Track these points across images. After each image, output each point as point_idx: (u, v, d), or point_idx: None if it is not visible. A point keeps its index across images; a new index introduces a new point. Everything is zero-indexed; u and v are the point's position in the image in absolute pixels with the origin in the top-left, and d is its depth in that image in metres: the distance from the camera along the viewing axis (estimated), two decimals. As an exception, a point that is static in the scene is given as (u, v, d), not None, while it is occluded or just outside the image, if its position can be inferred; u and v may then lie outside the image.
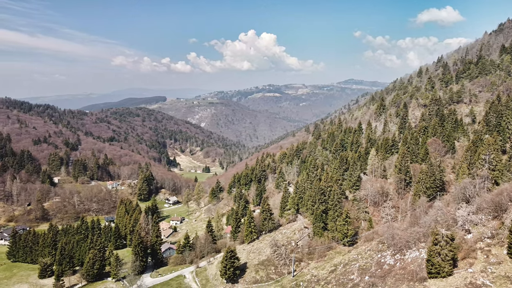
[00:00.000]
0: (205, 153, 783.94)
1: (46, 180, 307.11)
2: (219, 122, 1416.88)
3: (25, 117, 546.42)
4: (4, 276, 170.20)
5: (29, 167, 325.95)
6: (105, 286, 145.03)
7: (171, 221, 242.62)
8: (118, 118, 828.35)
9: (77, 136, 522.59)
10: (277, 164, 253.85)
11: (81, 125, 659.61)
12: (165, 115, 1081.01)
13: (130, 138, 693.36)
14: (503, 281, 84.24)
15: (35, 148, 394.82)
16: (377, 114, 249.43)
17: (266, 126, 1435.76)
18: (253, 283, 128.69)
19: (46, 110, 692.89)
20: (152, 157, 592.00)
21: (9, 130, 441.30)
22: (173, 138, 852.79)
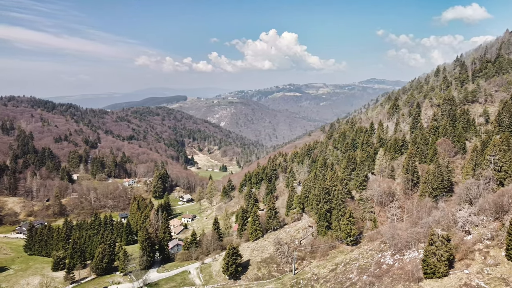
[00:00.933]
0: (223, 152, 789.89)
1: (65, 177, 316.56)
2: (238, 121, 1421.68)
3: (47, 116, 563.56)
4: (20, 268, 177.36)
5: (49, 164, 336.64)
6: (112, 280, 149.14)
7: (182, 218, 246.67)
8: (138, 117, 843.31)
9: (97, 135, 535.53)
10: (288, 163, 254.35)
11: (102, 124, 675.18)
12: (184, 114, 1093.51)
13: (149, 136, 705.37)
14: (498, 283, 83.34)
15: (56, 146, 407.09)
16: (390, 114, 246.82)
17: (285, 125, 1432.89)
18: (254, 280, 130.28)
19: (68, 109, 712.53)
20: (170, 156, 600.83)
21: (32, 128, 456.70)
22: (192, 137, 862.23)
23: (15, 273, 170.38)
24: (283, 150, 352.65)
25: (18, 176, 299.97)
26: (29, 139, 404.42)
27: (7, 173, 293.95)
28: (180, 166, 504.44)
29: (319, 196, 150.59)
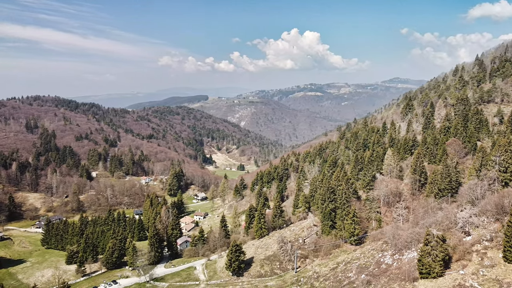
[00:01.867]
0: (241, 151, 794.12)
1: (84, 174, 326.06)
2: (258, 121, 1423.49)
3: (70, 115, 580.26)
4: (37, 261, 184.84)
5: (69, 161, 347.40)
6: (121, 274, 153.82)
7: (194, 216, 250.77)
8: (158, 117, 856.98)
9: (117, 133, 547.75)
10: (300, 163, 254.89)
11: (123, 123, 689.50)
12: (204, 113, 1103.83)
13: (168, 135, 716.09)
14: (492, 284, 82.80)
15: (77, 144, 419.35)
16: (403, 114, 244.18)
17: (306, 125, 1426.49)
18: (257, 277, 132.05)
19: (91, 108, 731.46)
20: (188, 155, 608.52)
21: (55, 127, 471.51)
22: (211, 136, 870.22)
23: (32, 266, 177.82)
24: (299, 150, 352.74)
25: (39, 173, 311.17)
26: (51, 137, 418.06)
27: (29, 170, 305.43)
28: (196, 165, 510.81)
29: (324, 195, 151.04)
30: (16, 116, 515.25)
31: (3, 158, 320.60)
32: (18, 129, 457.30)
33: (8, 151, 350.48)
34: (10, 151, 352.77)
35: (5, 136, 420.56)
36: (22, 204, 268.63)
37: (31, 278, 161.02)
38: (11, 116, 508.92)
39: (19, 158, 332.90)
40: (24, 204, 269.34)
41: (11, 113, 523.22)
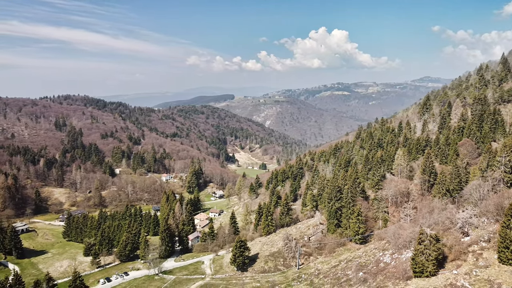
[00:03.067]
0: (264, 151, 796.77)
1: (107, 170, 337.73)
2: (284, 120, 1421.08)
3: (97, 114, 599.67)
4: (57, 252, 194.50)
5: (94, 158, 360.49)
6: (133, 266, 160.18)
7: (210, 213, 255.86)
8: (183, 116, 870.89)
9: (142, 132, 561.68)
10: (315, 162, 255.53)
11: (148, 121, 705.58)
12: (228, 113, 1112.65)
13: (192, 134, 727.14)
14: (483, 284, 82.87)
15: (102, 142, 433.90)
16: (420, 113, 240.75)
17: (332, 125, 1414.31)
18: (260, 273, 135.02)
19: (118, 107, 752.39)
20: (211, 153, 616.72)
21: (82, 125, 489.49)
22: (234, 135, 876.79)
23: (52, 256, 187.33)
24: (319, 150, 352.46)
25: (65, 169, 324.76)
26: (78, 135, 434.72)
27: (55, 166, 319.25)
28: (217, 163, 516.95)
29: (331, 194, 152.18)
30: (47, 114, 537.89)
31: (32, 154, 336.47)
32: (47, 127, 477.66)
33: (37, 148, 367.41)
34: (39, 148, 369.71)
35: (36, 133, 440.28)
36: (48, 198, 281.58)
37: (51, 268, 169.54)
38: (42, 114, 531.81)
39: (47, 155, 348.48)
40: (49, 199, 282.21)
41: (42, 111, 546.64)
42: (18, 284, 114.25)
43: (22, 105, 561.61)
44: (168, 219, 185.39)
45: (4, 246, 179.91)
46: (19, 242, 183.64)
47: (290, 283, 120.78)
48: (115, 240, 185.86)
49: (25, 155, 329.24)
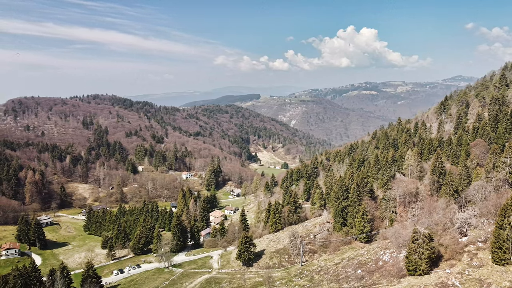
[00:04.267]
0: (286, 150, 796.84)
1: (130, 168, 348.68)
2: (309, 120, 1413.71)
3: (123, 113, 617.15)
4: (78, 244, 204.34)
5: (117, 156, 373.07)
6: (145, 259, 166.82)
7: (225, 210, 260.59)
8: (207, 115, 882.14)
9: (165, 130, 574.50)
10: (331, 162, 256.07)
11: (172, 121, 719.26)
12: (252, 112, 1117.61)
13: (215, 133, 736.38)
14: (473, 283, 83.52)
15: (126, 140, 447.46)
16: (438, 113, 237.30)
17: (358, 125, 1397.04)
18: (265, 268, 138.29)
19: (144, 106, 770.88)
20: (233, 152, 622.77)
21: (108, 124, 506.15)
22: (257, 135, 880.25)
23: (73, 248, 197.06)
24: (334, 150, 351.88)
25: (90, 166, 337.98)
26: (104, 133, 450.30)
27: (81, 163, 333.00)
28: (238, 162, 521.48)
29: (338, 193, 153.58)
30: (75, 113, 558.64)
31: (59, 151, 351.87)
32: (75, 125, 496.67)
33: (64, 145, 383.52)
34: (67, 145, 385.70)
35: (64, 131, 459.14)
36: (72, 193, 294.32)
37: (70, 259, 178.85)
38: (71, 113, 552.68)
39: (73, 152, 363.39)
40: (74, 194, 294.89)
41: (71, 110, 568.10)
42: (34, 271, 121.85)
43: (53, 104, 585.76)
44: (182, 215, 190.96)
45: (29, 237, 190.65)
46: (42, 234, 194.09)
47: (291, 279, 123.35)
48: (131, 234, 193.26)
49: (53, 152, 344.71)
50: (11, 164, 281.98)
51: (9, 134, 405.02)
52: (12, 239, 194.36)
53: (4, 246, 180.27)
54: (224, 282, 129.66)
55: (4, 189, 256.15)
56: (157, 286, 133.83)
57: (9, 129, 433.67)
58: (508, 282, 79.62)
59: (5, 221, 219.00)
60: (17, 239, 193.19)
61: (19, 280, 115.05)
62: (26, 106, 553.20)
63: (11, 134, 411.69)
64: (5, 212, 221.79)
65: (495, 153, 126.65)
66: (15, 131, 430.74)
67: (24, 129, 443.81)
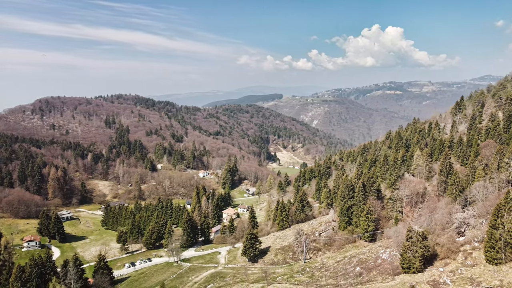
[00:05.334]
0: (306, 150, 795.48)
1: (148, 166, 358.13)
2: (331, 120, 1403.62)
3: (145, 112, 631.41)
4: (95, 238, 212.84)
5: (137, 154, 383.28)
6: (156, 253, 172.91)
7: (238, 208, 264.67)
8: (227, 114, 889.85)
9: (185, 130, 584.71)
10: (344, 161, 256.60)
11: (193, 120, 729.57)
12: (273, 112, 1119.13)
13: (235, 133, 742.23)
14: (464, 282, 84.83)
15: (146, 139, 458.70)
16: (453, 113, 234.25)
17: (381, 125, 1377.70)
18: (269, 264, 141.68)
19: (166, 106, 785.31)
20: (252, 152, 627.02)
21: (129, 123, 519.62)
22: (277, 135, 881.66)
23: (90, 242, 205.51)
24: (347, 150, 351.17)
25: (110, 164, 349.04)
26: (125, 132, 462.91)
27: (101, 161, 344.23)
28: (255, 161, 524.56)
29: (344, 192, 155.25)
30: (99, 112, 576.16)
31: (82, 149, 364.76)
32: (98, 124, 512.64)
33: (87, 144, 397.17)
34: (89, 143, 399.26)
35: (88, 130, 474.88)
36: (93, 190, 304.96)
37: (87, 252, 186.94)
38: (94, 112, 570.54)
39: (95, 150, 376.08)
40: (94, 190, 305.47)
41: (95, 110, 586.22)
42: (49, 262, 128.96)
43: (78, 104, 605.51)
44: (194, 211, 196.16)
45: (49, 231, 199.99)
46: (62, 228, 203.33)
47: (293, 275, 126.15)
48: (145, 229, 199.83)
49: (76, 150, 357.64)
50: (35, 161, 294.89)
51: (35, 133, 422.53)
52: (34, 232, 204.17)
53: (26, 238, 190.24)
54: (228, 276, 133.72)
55: (28, 185, 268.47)
56: (165, 279, 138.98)
57: (36, 128, 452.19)
58: (498, 281, 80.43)
59: (28, 215, 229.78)
60: (39, 232, 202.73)
61: (35, 269, 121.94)
62: (53, 106, 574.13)
63: (37, 132, 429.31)
64: (28, 207, 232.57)
65: (500, 153, 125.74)
66: (41, 130, 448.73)
67: (50, 127, 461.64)
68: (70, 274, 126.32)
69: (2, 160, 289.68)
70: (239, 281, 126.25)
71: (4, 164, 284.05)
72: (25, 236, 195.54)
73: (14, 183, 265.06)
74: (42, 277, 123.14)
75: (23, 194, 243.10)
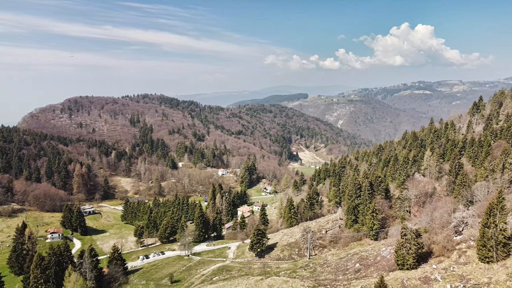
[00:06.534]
0: (328, 150, 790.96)
1: (169, 163, 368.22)
2: (357, 120, 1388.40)
3: (169, 112, 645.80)
4: (114, 232, 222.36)
5: (159, 152, 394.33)
6: (169, 247, 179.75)
7: (254, 206, 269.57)
8: (250, 114, 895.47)
9: (207, 129, 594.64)
10: (359, 161, 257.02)
11: (216, 119, 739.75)
12: (296, 111, 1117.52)
13: (257, 132, 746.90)
14: (454, 278, 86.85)
15: (169, 138, 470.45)
16: (471, 114, 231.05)
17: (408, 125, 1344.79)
18: (275, 259, 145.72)
19: (190, 105, 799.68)
20: (273, 151, 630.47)
21: (153, 122, 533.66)
22: (300, 134, 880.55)
23: (109, 235, 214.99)
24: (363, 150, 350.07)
25: (133, 161, 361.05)
26: (149, 131, 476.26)
27: (124, 158, 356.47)
28: (275, 161, 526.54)
29: (351, 191, 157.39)
30: (125, 111, 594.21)
31: (106, 147, 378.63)
32: (123, 123, 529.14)
33: (112, 142, 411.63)
34: (114, 141, 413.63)
35: (113, 129, 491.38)
36: (115, 186, 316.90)
37: (105, 244, 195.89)
38: (120, 111, 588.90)
39: (119, 148, 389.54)
40: (117, 186, 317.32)
41: (121, 109, 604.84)
42: (66, 251, 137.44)
43: (105, 103, 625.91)
44: (208, 208, 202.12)
45: (72, 224, 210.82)
46: (83, 221, 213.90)
47: (296, 270, 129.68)
48: (160, 224, 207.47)
49: (100, 147, 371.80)
50: (62, 158, 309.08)
51: (64, 131, 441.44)
52: (58, 225, 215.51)
53: (50, 230, 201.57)
54: (234, 270, 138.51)
55: (55, 180, 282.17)
56: (175, 271, 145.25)
57: (64, 126, 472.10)
58: (487, 279, 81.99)
59: (53, 208, 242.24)
60: (62, 225, 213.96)
61: (53, 258, 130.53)
62: (81, 105, 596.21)
63: (65, 130, 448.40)
64: (53, 201, 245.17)
65: (505, 153, 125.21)
66: (70, 128, 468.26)
67: (78, 126, 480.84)
68: (85, 264, 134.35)
69: (31, 157, 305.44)
70: (243, 274, 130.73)
71: (33, 160, 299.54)
72: (49, 228, 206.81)
73: (42, 178, 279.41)
74: (60, 265, 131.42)
75: (49, 189, 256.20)
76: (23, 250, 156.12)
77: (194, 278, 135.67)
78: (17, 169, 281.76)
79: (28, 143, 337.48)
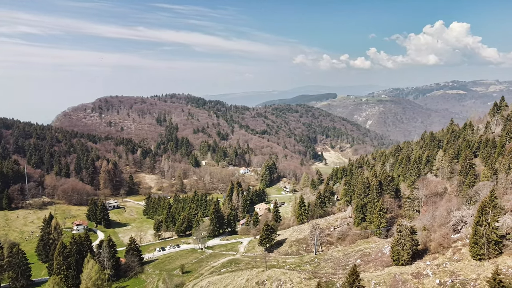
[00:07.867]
0: (354, 151, 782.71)
1: (192, 161, 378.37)
2: (386, 120, 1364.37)
3: (195, 111, 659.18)
4: (136, 226, 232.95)
5: (183, 150, 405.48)
6: (184, 241, 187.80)
7: (271, 204, 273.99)
8: (275, 114, 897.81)
9: (232, 128, 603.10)
10: (376, 161, 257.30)
11: (241, 119, 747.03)
12: (322, 111, 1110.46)
13: (281, 132, 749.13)
14: (445, 274, 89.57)
15: (193, 136, 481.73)
16: (491, 114, 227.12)
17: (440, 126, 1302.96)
18: (283, 254, 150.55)
19: (216, 105, 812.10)
20: (297, 151, 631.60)
21: (179, 121, 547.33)
22: (325, 134, 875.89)
23: (131, 229, 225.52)
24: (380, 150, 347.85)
25: (157, 159, 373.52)
26: (174, 129, 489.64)
27: (149, 156, 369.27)
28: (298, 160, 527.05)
29: (360, 190, 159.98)
30: (152, 111, 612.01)
31: (132, 145, 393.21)
32: (150, 122, 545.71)
33: (138, 140, 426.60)
34: (140, 139, 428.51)
35: (140, 127, 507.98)
36: (140, 182, 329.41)
37: (126, 237, 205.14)
38: (148, 111, 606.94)
39: (144, 146, 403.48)
40: (141, 183, 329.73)
41: (149, 108, 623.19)
42: (86, 241, 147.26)
43: (133, 103, 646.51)
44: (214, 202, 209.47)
45: (96, 217, 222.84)
46: (107, 215, 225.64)
47: (300, 265, 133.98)
48: (178, 219, 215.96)
49: (127, 145, 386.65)
50: (90, 155, 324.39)
51: (94, 129, 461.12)
52: (83, 218, 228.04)
53: (75, 222, 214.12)
54: (242, 263, 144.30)
55: (82, 176, 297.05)
56: (187, 262, 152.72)
57: (94, 124, 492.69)
58: (475, 275, 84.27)
59: (80, 202, 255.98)
60: (87, 218, 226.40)
61: (74, 247, 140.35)
62: (111, 104, 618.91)
63: (95, 128, 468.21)
64: (80, 195, 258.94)
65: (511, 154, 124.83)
66: (99, 126, 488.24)
67: (107, 124, 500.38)
68: (103, 253, 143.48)
69: (61, 153, 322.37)
70: (250, 267, 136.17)
71: (63, 157, 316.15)
72: (75, 220, 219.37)
73: (71, 174, 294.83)
74: (80, 254, 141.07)
75: (77, 184, 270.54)
76: (49, 239, 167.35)
77: (204, 270, 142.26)
78: (49, 165, 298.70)
79: (59, 140, 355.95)
